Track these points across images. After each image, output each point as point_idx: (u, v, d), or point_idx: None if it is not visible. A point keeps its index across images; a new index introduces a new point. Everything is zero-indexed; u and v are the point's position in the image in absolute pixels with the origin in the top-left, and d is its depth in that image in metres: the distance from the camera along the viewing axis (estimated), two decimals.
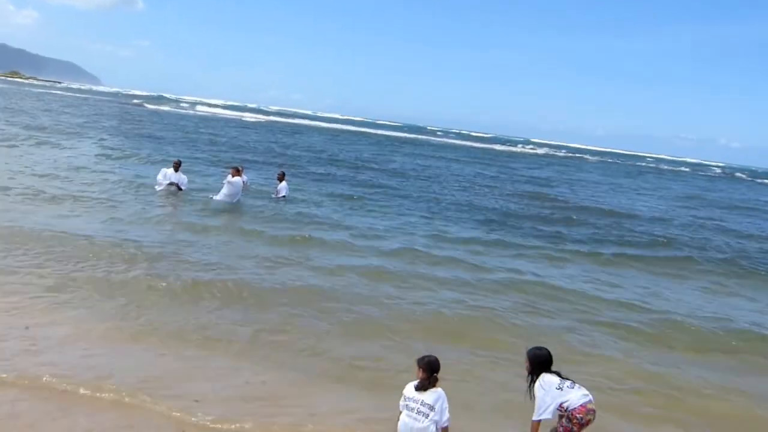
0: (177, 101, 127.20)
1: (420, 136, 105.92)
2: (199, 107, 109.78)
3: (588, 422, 5.97)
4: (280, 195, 20.60)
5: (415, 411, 5.90)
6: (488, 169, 48.22)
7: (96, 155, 27.44)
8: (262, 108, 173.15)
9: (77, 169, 22.84)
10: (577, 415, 5.92)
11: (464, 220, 21.66)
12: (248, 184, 20.59)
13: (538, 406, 6.03)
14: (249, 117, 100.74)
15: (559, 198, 31.64)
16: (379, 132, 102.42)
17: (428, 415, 5.85)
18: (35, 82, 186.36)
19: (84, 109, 62.22)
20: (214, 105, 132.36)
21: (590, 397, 6.08)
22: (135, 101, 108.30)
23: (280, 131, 68.98)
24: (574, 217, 24.82)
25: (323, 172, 31.53)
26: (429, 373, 6.00)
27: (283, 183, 20.86)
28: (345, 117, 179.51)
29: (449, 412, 5.99)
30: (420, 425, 5.84)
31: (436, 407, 5.88)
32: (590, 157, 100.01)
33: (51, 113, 51.36)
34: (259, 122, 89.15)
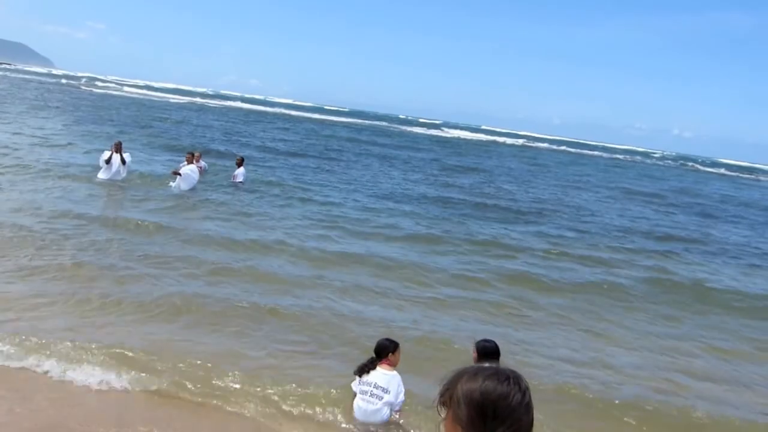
0: (121, 84, 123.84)
1: (362, 121, 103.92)
2: (127, 89, 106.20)
3: None
4: (238, 180, 19.73)
5: (368, 394, 5.81)
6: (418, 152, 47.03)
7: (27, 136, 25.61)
8: (209, 92, 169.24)
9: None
10: None
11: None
12: (205, 169, 19.65)
13: None
14: (191, 100, 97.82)
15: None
16: (323, 117, 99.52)
17: (381, 398, 5.76)
18: None
19: (26, 93, 58.89)
20: (158, 88, 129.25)
21: None
22: (78, 83, 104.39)
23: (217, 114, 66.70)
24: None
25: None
26: (376, 355, 5.93)
27: (241, 168, 20.03)
28: (297, 102, 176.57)
29: (404, 395, 5.87)
30: (373, 407, 5.77)
31: (391, 390, 5.77)
32: (541, 145, 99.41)
33: None
34: (206, 106, 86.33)
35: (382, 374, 5.85)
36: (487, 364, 2.00)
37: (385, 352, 5.92)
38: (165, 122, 44.13)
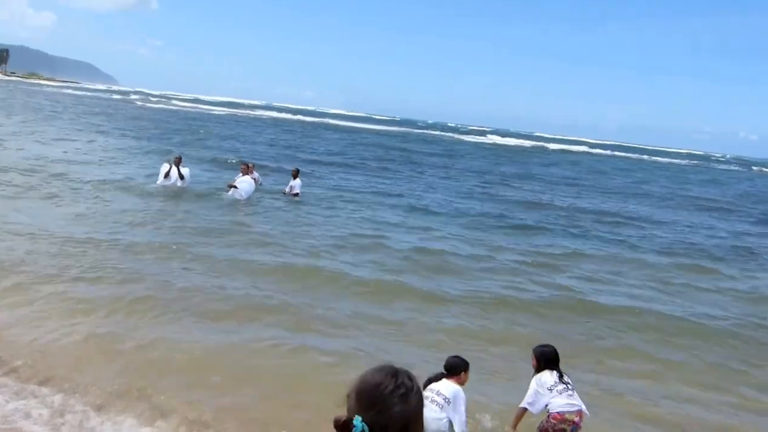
0: (175, 98, 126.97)
1: (413, 130, 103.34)
2: (181, 103, 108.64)
3: (561, 430, 5.70)
4: (294, 191, 19.01)
5: (429, 399, 5.43)
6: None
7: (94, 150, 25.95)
8: (266, 105, 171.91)
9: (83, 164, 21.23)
10: (552, 420, 5.74)
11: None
12: (260, 181, 19.01)
13: (526, 396, 5.93)
14: (246, 113, 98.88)
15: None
16: (375, 127, 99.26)
17: (442, 406, 5.43)
18: (52, 83, 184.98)
19: (96, 110, 60.61)
20: (212, 102, 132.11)
21: (577, 407, 5.75)
22: (135, 99, 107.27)
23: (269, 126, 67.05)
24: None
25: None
26: (446, 372, 5.65)
27: (297, 180, 19.34)
28: (349, 113, 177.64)
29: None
30: (432, 415, 5.38)
31: (453, 402, 5.44)
32: (602, 152, 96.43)
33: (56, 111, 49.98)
34: (259, 118, 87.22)
35: (447, 384, 5.55)
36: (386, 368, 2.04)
37: (456, 370, 5.64)
38: (218, 135, 44.39)
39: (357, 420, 1.91)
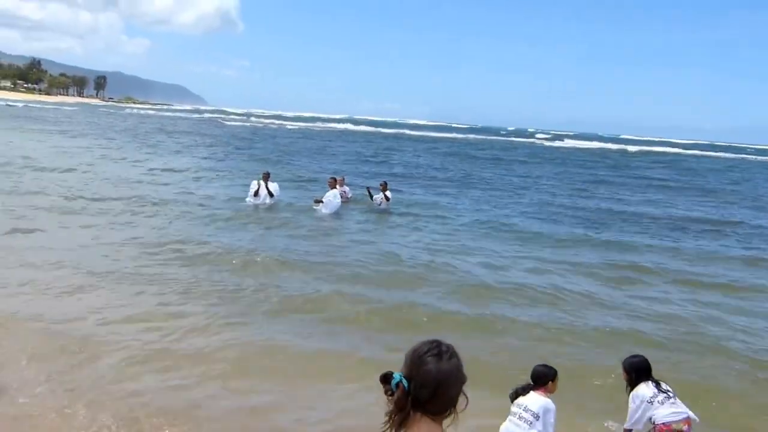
0: (262, 116, 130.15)
1: (495, 138, 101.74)
2: (267, 120, 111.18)
3: None
4: (383, 203, 18.48)
5: (517, 416, 5.18)
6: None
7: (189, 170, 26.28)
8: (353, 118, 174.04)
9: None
10: None
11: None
12: (349, 194, 18.46)
13: (628, 416, 5.51)
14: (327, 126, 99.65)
15: None
16: (458, 136, 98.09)
17: (530, 423, 5.09)
18: (145, 106, 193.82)
19: (187, 130, 62.42)
20: (296, 118, 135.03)
21: (683, 415, 5.33)
22: (223, 118, 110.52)
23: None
24: None
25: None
26: (533, 382, 5.33)
27: (386, 192, 18.71)
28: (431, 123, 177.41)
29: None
30: (519, 431, 5.10)
31: (542, 417, 5.09)
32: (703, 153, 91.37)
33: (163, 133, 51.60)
34: (346, 131, 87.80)
35: (535, 398, 5.22)
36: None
37: (543, 379, 5.30)
38: (306, 149, 44.68)
39: (397, 374, 2.22)
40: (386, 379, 2.20)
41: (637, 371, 5.50)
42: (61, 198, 16.83)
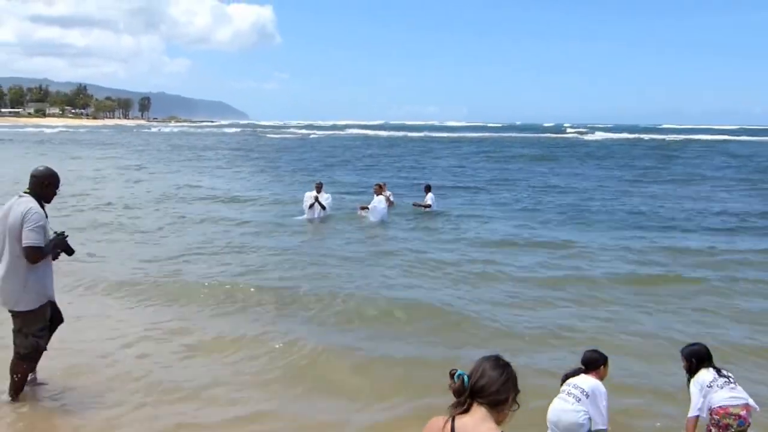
0: (304, 127, 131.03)
1: (533, 135, 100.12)
2: (307, 131, 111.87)
3: (726, 426, 5.04)
4: (428, 206, 18.07)
5: (566, 393, 5.18)
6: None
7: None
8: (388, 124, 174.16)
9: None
10: (714, 416, 5.10)
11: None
12: (393, 200, 18.26)
13: (691, 404, 5.25)
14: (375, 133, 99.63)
15: None
16: (497, 135, 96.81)
17: (579, 399, 5.05)
18: (189, 123, 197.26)
19: (231, 145, 62.97)
20: (337, 126, 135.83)
21: (743, 400, 5.09)
22: (265, 131, 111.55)
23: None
24: None
25: None
26: (584, 367, 5.34)
27: (430, 194, 18.46)
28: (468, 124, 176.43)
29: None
30: (567, 406, 5.08)
31: (592, 396, 5.06)
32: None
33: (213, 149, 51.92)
34: (392, 137, 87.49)
35: (585, 378, 5.24)
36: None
37: (594, 365, 5.32)
38: (352, 157, 44.62)
39: (460, 370, 2.85)
40: (451, 375, 2.87)
41: (698, 358, 5.34)
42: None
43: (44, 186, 5.62)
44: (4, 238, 5.48)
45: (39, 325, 5.66)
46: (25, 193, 5.56)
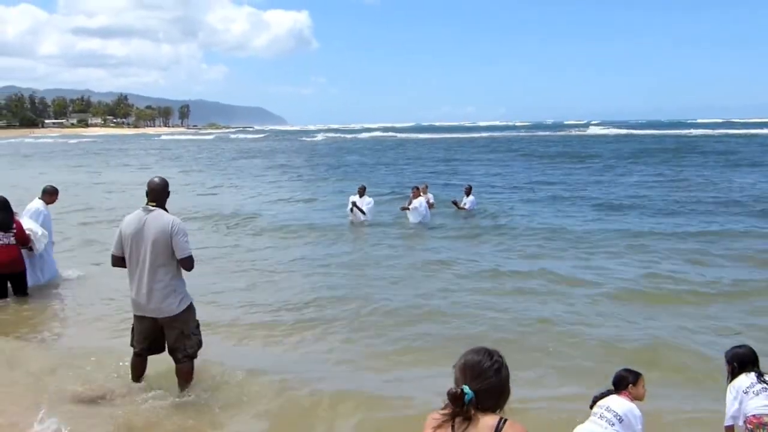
0: (345, 131, 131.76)
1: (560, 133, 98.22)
2: (348, 135, 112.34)
3: None
4: (467, 207, 17.93)
5: (598, 416, 4.72)
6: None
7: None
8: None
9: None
10: (748, 426, 4.63)
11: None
12: (433, 202, 18.02)
13: (726, 410, 4.82)
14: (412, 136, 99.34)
15: None
16: (531, 134, 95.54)
17: (612, 424, 4.60)
18: (228, 130, 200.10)
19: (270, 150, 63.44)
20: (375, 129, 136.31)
21: None
22: (304, 136, 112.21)
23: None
24: None
25: None
26: (614, 387, 4.92)
27: (471, 197, 18.24)
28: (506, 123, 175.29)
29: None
30: (600, 430, 4.60)
31: (626, 421, 4.59)
32: None
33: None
34: (432, 139, 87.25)
35: (618, 400, 4.76)
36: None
37: (623, 383, 4.89)
38: (396, 161, 44.45)
39: (466, 388, 2.60)
40: (460, 396, 2.58)
41: (741, 361, 4.89)
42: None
43: (167, 195, 5.90)
44: (143, 251, 5.69)
45: (196, 321, 6.06)
46: (153, 206, 5.77)
